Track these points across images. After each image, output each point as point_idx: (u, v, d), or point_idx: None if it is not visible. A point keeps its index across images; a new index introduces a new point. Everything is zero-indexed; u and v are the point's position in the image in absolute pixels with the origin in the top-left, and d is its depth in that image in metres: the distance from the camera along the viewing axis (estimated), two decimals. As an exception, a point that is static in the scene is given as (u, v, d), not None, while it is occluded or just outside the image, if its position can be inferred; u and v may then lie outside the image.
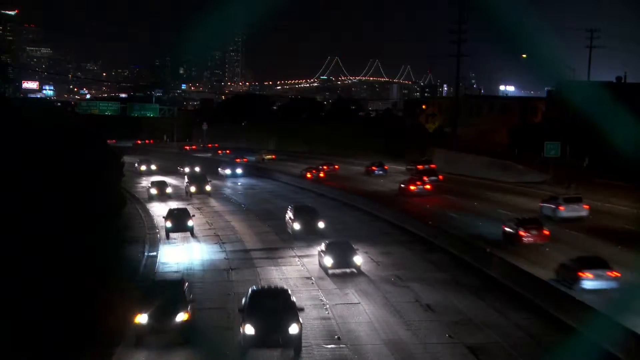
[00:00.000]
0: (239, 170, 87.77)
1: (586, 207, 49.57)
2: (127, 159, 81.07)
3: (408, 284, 34.47)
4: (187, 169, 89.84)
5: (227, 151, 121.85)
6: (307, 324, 28.29)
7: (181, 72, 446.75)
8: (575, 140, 73.18)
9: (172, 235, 48.17)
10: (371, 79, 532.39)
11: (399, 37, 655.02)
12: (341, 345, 25.97)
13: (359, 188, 69.89)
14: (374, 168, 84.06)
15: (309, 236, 45.19)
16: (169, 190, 69.03)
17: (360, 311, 30.31)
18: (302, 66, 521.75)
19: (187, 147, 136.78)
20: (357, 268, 36.73)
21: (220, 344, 26.08)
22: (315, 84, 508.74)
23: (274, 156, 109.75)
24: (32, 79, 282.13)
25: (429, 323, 28.47)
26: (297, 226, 46.01)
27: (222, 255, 42.57)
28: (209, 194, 68.78)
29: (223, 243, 46.21)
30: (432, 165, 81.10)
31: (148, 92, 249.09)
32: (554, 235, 42.15)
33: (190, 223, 48.65)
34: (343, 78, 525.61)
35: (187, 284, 28.48)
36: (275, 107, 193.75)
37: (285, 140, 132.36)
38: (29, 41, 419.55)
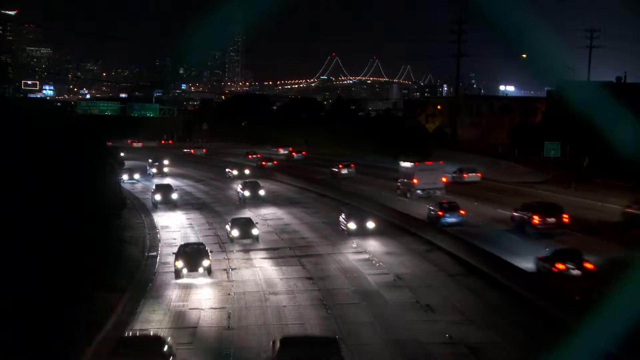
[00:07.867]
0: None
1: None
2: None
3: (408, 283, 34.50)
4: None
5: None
6: (307, 324, 28.30)
7: (181, 72, 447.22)
8: (575, 140, 73.12)
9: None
10: (371, 79, 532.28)
11: (399, 37, 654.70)
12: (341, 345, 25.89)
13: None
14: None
15: None
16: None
17: (360, 311, 30.30)
18: (302, 66, 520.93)
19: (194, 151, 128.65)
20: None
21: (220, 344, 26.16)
22: (315, 84, 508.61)
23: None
24: (32, 79, 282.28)
25: (429, 323, 28.43)
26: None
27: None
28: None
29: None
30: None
31: (147, 92, 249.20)
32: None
33: None
34: (343, 78, 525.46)
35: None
36: (275, 107, 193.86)
37: (285, 141, 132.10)
38: (29, 41, 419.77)
